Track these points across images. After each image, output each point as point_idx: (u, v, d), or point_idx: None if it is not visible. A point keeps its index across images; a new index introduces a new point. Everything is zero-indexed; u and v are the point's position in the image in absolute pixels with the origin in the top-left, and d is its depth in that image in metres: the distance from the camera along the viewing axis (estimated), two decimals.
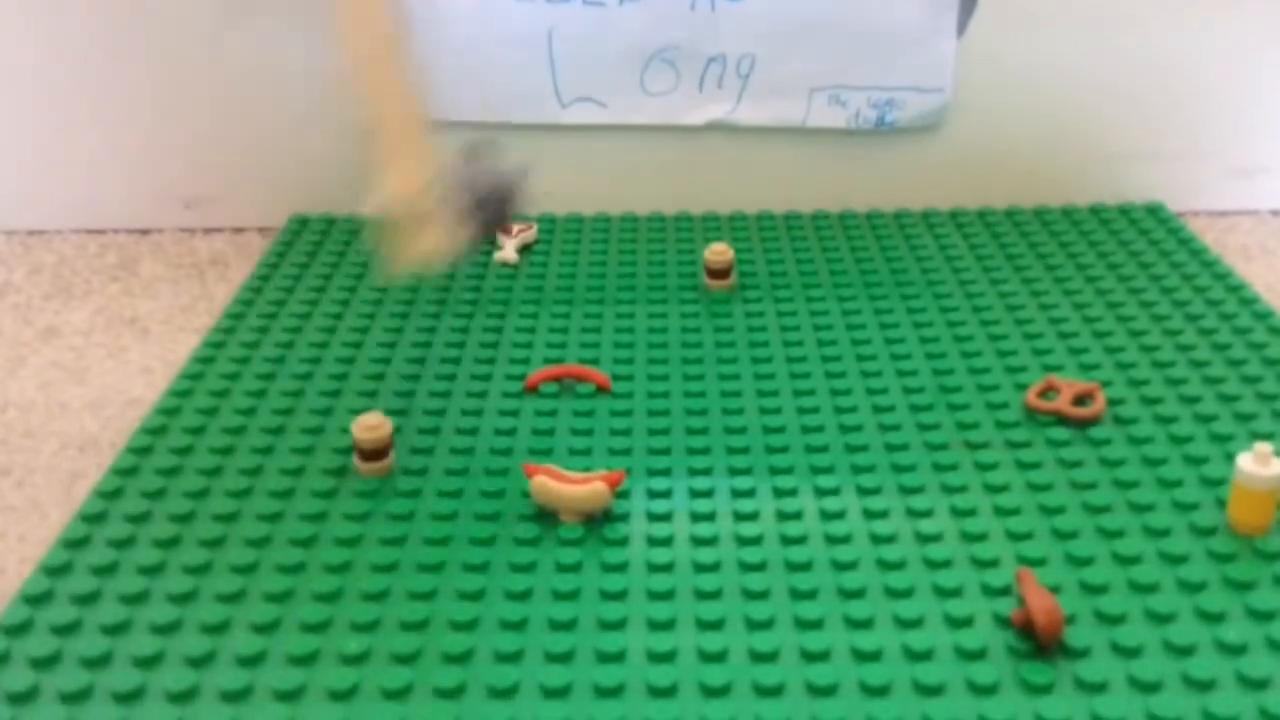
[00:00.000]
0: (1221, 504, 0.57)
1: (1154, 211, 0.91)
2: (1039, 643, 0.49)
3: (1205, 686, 0.47)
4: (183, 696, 0.47)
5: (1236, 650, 0.49)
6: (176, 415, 0.66)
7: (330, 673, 0.48)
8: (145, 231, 0.93)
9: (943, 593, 0.52)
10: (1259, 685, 0.47)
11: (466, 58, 0.89)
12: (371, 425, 0.60)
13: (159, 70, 0.90)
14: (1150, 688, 0.47)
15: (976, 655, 0.49)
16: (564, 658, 0.49)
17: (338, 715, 0.46)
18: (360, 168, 0.91)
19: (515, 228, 0.88)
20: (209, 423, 0.66)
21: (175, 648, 0.50)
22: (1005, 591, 0.52)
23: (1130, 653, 0.49)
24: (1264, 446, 0.54)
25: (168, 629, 0.51)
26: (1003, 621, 0.50)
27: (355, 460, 0.61)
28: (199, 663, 0.49)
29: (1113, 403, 0.66)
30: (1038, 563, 0.54)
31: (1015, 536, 0.56)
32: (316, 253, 0.87)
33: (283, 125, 0.91)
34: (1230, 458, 0.59)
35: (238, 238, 0.92)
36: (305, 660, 0.49)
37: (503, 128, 0.91)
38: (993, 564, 0.54)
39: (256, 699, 0.47)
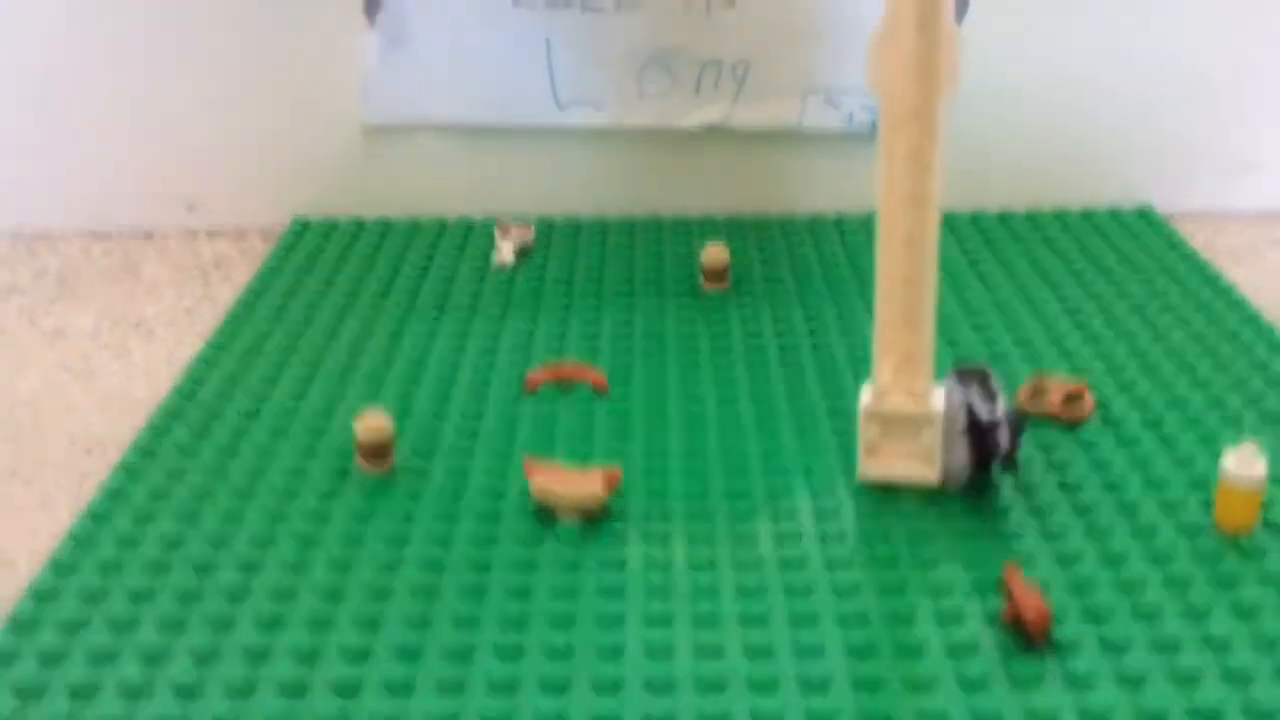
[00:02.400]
0: (1208, 504, 0.58)
1: (1144, 215, 0.92)
2: (1028, 638, 0.50)
3: (1191, 680, 0.48)
4: (188, 691, 0.48)
5: (1222, 645, 0.50)
6: (181, 416, 0.67)
7: (333, 667, 0.49)
8: (149, 234, 0.94)
9: (934, 590, 0.53)
10: (1243, 679, 0.48)
11: (465, 60, 0.89)
12: (374, 425, 0.61)
13: (161, 71, 0.90)
14: (1137, 682, 0.48)
15: (966, 650, 0.50)
16: (563, 653, 0.50)
17: (339, 709, 0.47)
18: (362, 169, 0.93)
19: (513, 229, 0.88)
20: (213, 423, 0.66)
21: (181, 644, 0.50)
22: (995, 588, 0.53)
23: (1118, 648, 0.50)
24: (1248, 447, 0.55)
25: (173, 625, 0.51)
26: (991, 618, 0.51)
27: (358, 459, 0.62)
28: (204, 658, 0.50)
29: (1101, 404, 0.67)
30: (1027, 561, 0.55)
31: (1005, 535, 0.56)
32: (319, 255, 0.87)
33: (285, 126, 0.91)
34: (1217, 458, 0.60)
35: (240, 240, 0.93)
36: (308, 655, 0.50)
37: (501, 130, 0.92)
38: (981, 562, 0.55)
39: (260, 693, 0.48)
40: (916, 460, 0.58)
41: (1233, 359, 0.71)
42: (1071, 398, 0.66)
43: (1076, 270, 0.84)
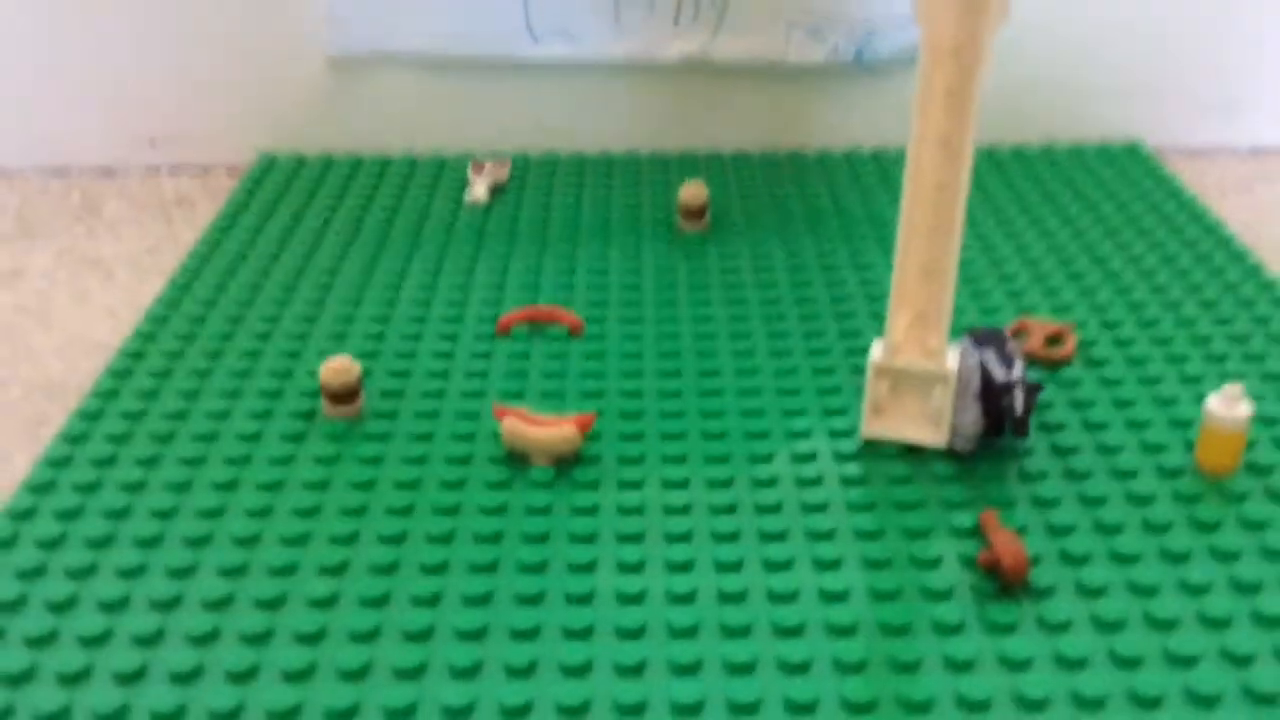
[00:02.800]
0: (1190, 446, 0.57)
1: (1132, 150, 0.90)
2: (1004, 583, 0.49)
3: (1167, 626, 0.47)
4: (149, 640, 0.47)
5: (1200, 590, 0.49)
6: (141, 359, 0.66)
7: (298, 616, 0.48)
8: (110, 171, 0.91)
9: (910, 534, 0.52)
10: (1220, 624, 0.47)
11: None
12: (340, 368, 0.60)
13: (120, 2, 0.87)
14: (1113, 627, 0.47)
15: (942, 595, 0.49)
16: (533, 600, 0.49)
17: (305, 658, 0.46)
18: (330, 103, 0.90)
19: (487, 166, 0.86)
20: (175, 366, 0.65)
21: (141, 592, 0.49)
22: (972, 533, 0.52)
23: (1094, 592, 0.49)
24: (1232, 388, 0.54)
25: (133, 573, 0.50)
26: (968, 562, 0.51)
27: (323, 403, 0.60)
28: (165, 607, 0.49)
29: (1084, 344, 0.66)
30: (1005, 504, 0.54)
31: (983, 478, 0.56)
32: (285, 192, 0.85)
33: (249, 58, 0.89)
34: (1200, 399, 0.59)
35: (205, 177, 0.91)
36: (272, 604, 0.49)
37: (473, 62, 0.89)
38: (960, 506, 0.54)
39: (223, 643, 0.47)
40: (923, 422, 0.56)
41: (1219, 297, 0.70)
42: (1054, 338, 0.65)
43: (1062, 206, 0.82)
